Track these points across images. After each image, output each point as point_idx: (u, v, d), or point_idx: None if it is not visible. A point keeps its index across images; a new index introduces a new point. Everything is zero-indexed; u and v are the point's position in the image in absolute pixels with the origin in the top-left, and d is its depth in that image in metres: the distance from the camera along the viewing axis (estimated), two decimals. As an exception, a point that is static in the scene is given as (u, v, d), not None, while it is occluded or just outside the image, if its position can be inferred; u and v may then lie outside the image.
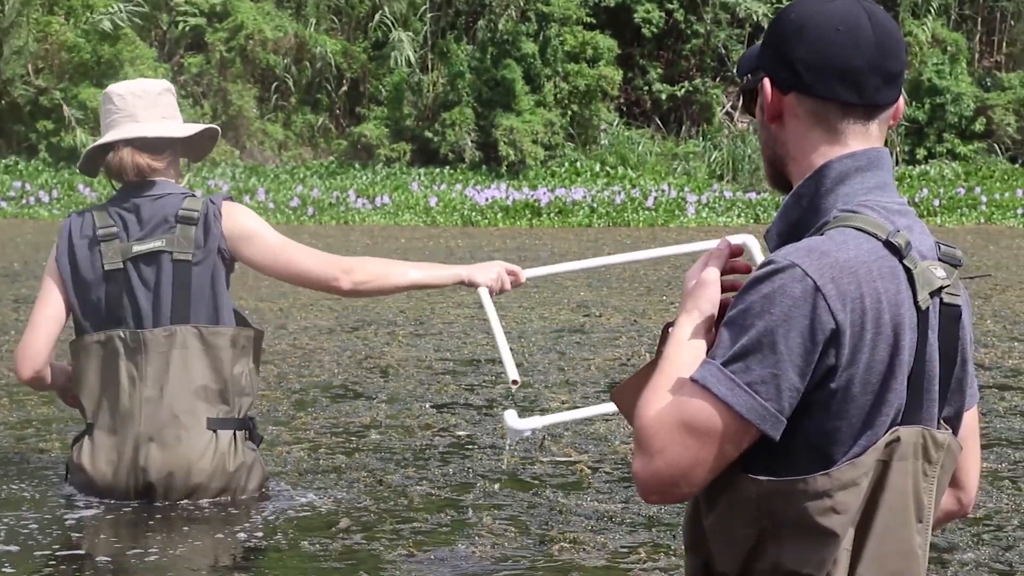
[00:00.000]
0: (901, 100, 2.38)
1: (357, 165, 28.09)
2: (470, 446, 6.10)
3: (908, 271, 2.26)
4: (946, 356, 2.33)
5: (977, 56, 32.93)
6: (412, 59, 28.92)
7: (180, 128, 4.98)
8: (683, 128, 31.04)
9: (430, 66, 29.44)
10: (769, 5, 31.03)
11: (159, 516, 4.78)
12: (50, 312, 4.94)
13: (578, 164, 28.57)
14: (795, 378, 2.18)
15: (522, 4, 29.53)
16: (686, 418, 2.20)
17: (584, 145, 29.53)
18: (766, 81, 2.36)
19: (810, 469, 2.23)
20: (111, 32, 26.75)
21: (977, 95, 30.61)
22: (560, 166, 28.42)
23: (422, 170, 27.74)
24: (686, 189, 26.40)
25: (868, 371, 2.22)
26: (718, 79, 31.56)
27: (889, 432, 2.26)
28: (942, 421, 2.37)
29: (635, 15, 30.85)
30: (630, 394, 2.43)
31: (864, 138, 2.35)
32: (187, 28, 28.73)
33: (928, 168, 29.22)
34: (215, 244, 4.88)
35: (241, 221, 4.93)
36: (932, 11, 31.81)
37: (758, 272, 2.24)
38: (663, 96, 31.05)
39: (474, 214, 23.33)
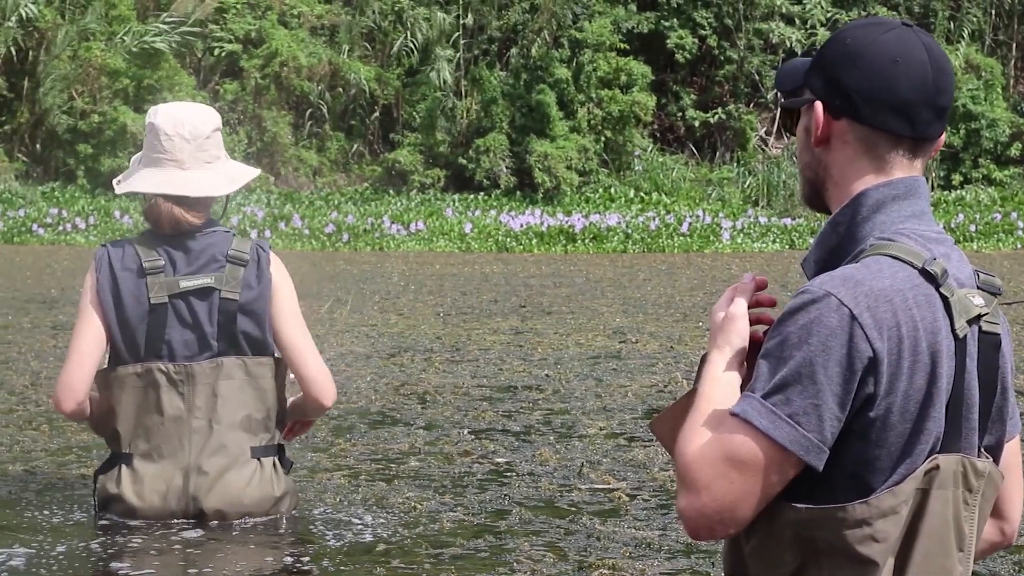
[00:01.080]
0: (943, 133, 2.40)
1: (391, 191, 28.18)
2: (509, 473, 6.13)
3: (945, 299, 2.27)
4: (986, 384, 2.33)
5: (1012, 82, 32.82)
6: (450, 79, 29.03)
7: (224, 185, 4.96)
8: (717, 154, 31.03)
9: (463, 92, 29.54)
10: (803, 31, 31.04)
11: (205, 541, 4.82)
12: (91, 344, 4.87)
13: (612, 190, 28.60)
14: (835, 407, 2.19)
15: (555, 30, 29.62)
16: (729, 452, 2.20)
17: (618, 171, 29.55)
18: (818, 105, 2.35)
19: (849, 497, 2.24)
20: (168, 48, 26.91)
21: (1013, 121, 30.52)
22: (594, 192, 28.45)
23: (456, 196, 27.82)
24: (721, 215, 26.40)
25: (906, 399, 2.23)
26: (752, 105, 31.56)
27: (928, 460, 2.26)
28: (983, 450, 2.38)
29: (668, 41, 30.90)
30: (668, 424, 2.45)
31: (908, 169, 2.36)
32: (222, 54, 28.92)
33: (964, 193, 29.15)
34: (268, 285, 4.92)
35: (283, 273, 5.02)
36: (965, 37, 31.75)
37: (794, 302, 2.24)
38: (696, 122, 31.05)
39: (509, 240, 23.38)
